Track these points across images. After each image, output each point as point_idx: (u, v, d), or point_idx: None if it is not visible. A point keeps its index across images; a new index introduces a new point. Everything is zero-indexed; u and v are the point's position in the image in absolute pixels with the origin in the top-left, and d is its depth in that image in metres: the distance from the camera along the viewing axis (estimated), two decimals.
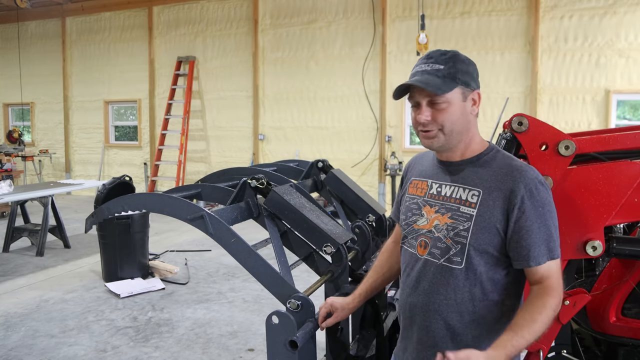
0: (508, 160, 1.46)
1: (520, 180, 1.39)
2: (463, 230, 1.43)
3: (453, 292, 1.45)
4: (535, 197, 1.38)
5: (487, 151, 1.49)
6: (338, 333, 2.04)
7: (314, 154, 9.56)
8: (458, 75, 1.43)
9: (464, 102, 1.45)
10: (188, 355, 3.76)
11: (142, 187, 11.07)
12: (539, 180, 1.40)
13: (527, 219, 1.38)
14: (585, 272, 2.33)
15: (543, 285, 1.40)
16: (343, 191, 2.82)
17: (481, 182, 1.44)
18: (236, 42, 10.39)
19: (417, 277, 1.53)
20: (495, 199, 1.41)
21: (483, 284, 1.44)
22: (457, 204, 1.46)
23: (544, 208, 1.39)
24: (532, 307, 1.38)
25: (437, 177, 1.54)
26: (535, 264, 1.38)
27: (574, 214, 1.64)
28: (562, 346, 2.03)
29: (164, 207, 2.05)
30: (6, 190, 6.42)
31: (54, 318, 4.46)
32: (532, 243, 1.38)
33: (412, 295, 1.55)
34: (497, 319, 1.45)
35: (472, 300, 1.44)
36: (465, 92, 1.45)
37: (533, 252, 1.38)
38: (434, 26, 8.76)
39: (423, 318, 1.51)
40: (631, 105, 8.59)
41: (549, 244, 1.39)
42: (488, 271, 1.43)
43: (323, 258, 2.15)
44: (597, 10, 7.96)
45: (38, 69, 12.37)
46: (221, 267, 5.99)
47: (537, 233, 1.38)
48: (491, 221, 1.41)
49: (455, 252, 1.44)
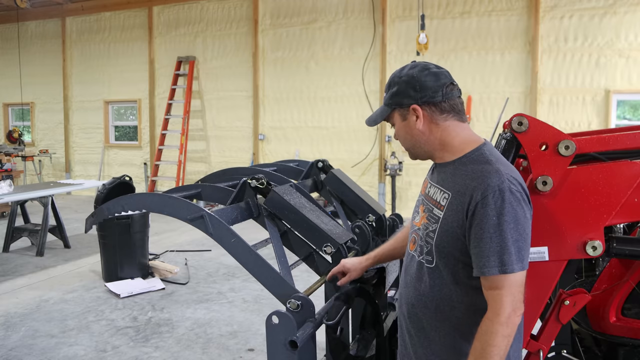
0: (483, 163, 1.42)
1: (479, 187, 1.36)
2: (431, 232, 1.50)
3: (428, 289, 1.51)
4: (490, 205, 1.33)
5: (470, 153, 1.48)
6: (338, 333, 2.04)
7: (314, 154, 9.57)
8: (390, 100, 1.56)
9: (405, 121, 1.54)
10: (188, 355, 3.76)
11: (142, 187, 11.07)
12: (500, 189, 1.34)
13: (478, 227, 1.35)
14: (585, 272, 2.34)
15: (490, 299, 1.36)
16: (343, 191, 2.82)
17: (453, 185, 1.46)
18: (236, 42, 10.39)
19: (405, 270, 1.65)
20: (459, 204, 1.41)
21: (451, 286, 1.47)
22: (433, 205, 1.53)
23: (500, 218, 1.33)
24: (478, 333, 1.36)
25: (431, 178, 1.62)
26: (480, 273, 1.36)
27: (574, 214, 1.64)
28: (562, 346, 2.04)
29: (164, 207, 2.05)
30: (6, 190, 6.42)
31: (54, 318, 4.46)
32: (480, 252, 1.35)
33: (402, 287, 1.66)
34: (464, 319, 1.46)
35: (444, 299, 1.48)
36: (403, 112, 1.54)
37: (480, 261, 1.35)
38: (434, 26, 8.76)
39: (406, 308, 1.61)
40: (631, 105, 8.59)
41: (501, 256, 1.32)
42: (452, 273, 1.46)
43: (323, 258, 2.15)
44: (597, 10, 7.96)
45: (38, 69, 12.37)
46: (221, 267, 5.99)
47: (487, 243, 1.34)
48: (452, 226, 1.43)
49: (427, 251, 1.51)
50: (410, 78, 1.51)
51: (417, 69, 1.52)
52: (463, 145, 1.50)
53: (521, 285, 1.36)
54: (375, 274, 2.16)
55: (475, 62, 8.61)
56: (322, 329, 1.84)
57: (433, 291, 1.50)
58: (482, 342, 1.34)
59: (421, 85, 1.49)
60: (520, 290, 1.36)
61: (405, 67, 1.56)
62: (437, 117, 1.50)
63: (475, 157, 1.46)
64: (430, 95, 1.48)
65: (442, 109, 1.49)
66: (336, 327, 1.99)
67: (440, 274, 1.48)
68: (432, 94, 1.48)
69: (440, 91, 1.48)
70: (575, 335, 2.13)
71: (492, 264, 1.33)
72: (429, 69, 1.51)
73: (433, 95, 1.48)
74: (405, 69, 1.55)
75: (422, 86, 1.49)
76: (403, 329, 1.65)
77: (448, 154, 1.52)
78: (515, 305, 1.34)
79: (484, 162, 1.43)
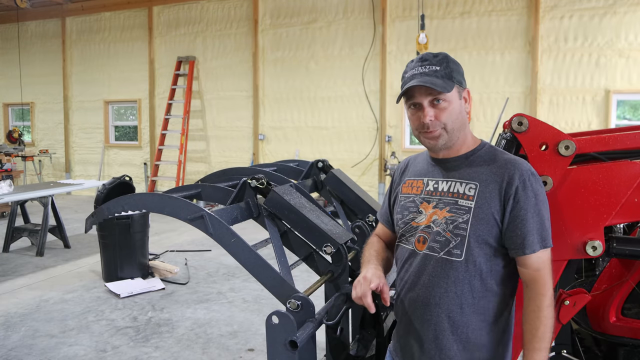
0: (501, 154, 1.52)
1: (514, 172, 1.45)
2: (462, 223, 1.47)
3: (453, 285, 1.47)
4: (529, 187, 1.43)
5: (480, 147, 1.56)
6: (338, 333, 2.04)
7: (314, 154, 9.57)
8: (453, 74, 1.50)
9: (460, 100, 1.53)
10: (188, 355, 3.76)
11: (142, 187, 11.07)
12: (532, 172, 1.46)
13: (522, 209, 1.43)
14: (585, 272, 2.33)
15: (534, 281, 1.44)
16: (343, 191, 2.81)
17: (477, 175, 1.49)
18: (236, 42, 10.39)
19: (416, 272, 1.55)
20: (491, 191, 1.46)
21: (482, 275, 1.47)
22: (455, 198, 1.50)
23: (537, 198, 1.44)
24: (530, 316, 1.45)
25: (433, 174, 1.58)
26: (530, 251, 1.43)
27: (574, 214, 1.64)
28: (562, 346, 2.03)
29: (164, 207, 2.05)
30: (6, 190, 6.42)
31: (54, 318, 4.46)
32: (526, 232, 1.42)
33: (412, 290, 1.55)
34: (496, 309, 1.49)
35: (472, 291, 1.47)
36: (460, 91, 1.53)
37: (527, 240, 1.42)
38: (434, 26, 8.76)
39: (423, 312, 1.52)
40: (631, 105, 8.59)
41: (541, 233, 1.44)
42: (487, 262, 1.47)
43: (323, 258, 2.15)
44: (597, 10, 7.96)
45: (38, 69, 12.37)
46: (221, 267, 5.99)
47: (530, 222, 1.42)
48: (489, 212, 1.45)
49: (455, 245, 1.47)
50: (459, 64, 1.56)
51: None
52: (474, 139, 1.58)
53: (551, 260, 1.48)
54: None
55: (475, 62, 8.61)
56: (322, 329, 1.84)
57: (461, 285, 1.47)
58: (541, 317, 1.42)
59: (464, 74, 1.56)
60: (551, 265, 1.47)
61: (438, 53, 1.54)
62: None
63: (488, 150, 1.54)
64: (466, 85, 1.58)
65: None
66: (336, 327, 1.99)
67: (471, 265, 1.46)
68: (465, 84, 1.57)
69: None
70: (575, 335, 2.13)
71: (535, 240, 1.42)
72: None
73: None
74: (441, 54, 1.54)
75: (464, 74, 1.56)
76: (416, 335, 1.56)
77: (464, 147, 1.55)
78: (551, 280, 1.46)
79: (502, 153, 1.53)
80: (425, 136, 1.52)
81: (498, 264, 1.48)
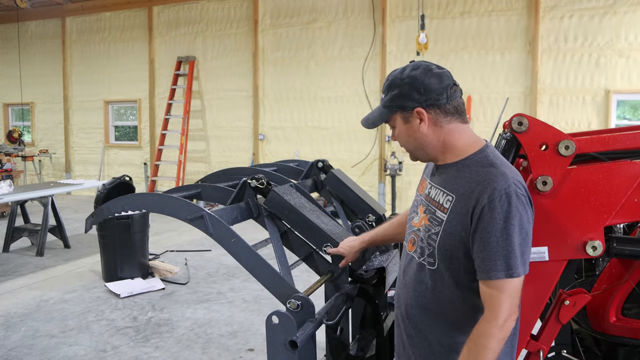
0: (488, 166, 1.41)
1: (486, 190, 1.35)
2: (434, 234, 1.47)
3: (427, 291, 1.51)
4: (497, 209, 1.33)
5: (474, 155, 1.46)
6: (338, 333, 2.04)
7: (314, 154, 9.56)
8: (391, 103, 1.50)
9: (408, 124, 1.50)
10: (188, 355, 3.76)
11: (142, 187, 11.07)
12: (507, 193, 1.33)
13: (484, 230, 1.34)
14: (585, 272, 2.33)
15: (485, 304, 1.36)
16: (343, 191, 2.82)
17: (457, 187, 1.44)
18: (236, 42, 10.39)
19: (404, 271, 1.63)
20: (462, 207, 1.40)
21: (453, 288, 1.46)
22: (435, 207, 1.50)
23: (507, 222, 1.32)
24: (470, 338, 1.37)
25: (432, 178, 1.59)
26: (486, 277, 1.34)
27: (574, 214, 1.64)
28: (562, 346, 2.04)
29: (164, 207, 2.05)
30: (6, 190, 6.42)
31: (54, 318, 4.46)
32: (486, 256, 1.34)
33: (400, 288, 1.64)
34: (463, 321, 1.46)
35: (444, 301, 1.48)
36: (405, 115, 1.49)
37: (486, 265, 1.34)
38: (434, 26, 8.75)
39: (405, 309, 1.59)
40: (631, 105, 8.59)
41: (507, 261, 1.32)
42: (454, 276, 1.45)
43: (323, 258, 2.15)
44: (597, 10, 7.96)
45: (38, 69, 12.36)
46: (221, 267, 5.99)
47: (494, 246, 1.33)
48: (456, 229, 1.41)
49: (429, 253, 1.49)
50: (414, 80, 1.45)
51: (419, 70, 1.46)
52: (466, 147, 1.48)
53: (520, 290, 1.36)
54: (375, 274, 2.16)
55: (475, 62, 8.61)
56: (322, 329, 1.84)
57: (434, 293, 1.49)
58: (478, 345, 1.34)
59: (425, 88, 1.44)
60: (518, 295, 1.36)
61: (406, 68, 1.49)
62: (441, 120, 1.46)
63: (479, 159, 1.44)
64: (434, 98, 1.44)
65: (446, 111, 1.46)
66: (336, 327, 1.99)
67: (442, 276, 1.47)
68: (436, 96, 1.44)
69: (445, 93, 1.45)
70: (575, 335, 2.13)
71: (498, 267, 1.33)
72: (432, 70, 1.46)
73: (438, 98, 1.44)
74: (407, 70, 1.48)
75: (427, 89, 1.44)
76: (401, 330, 1.63)
77: (450, 156, 1.49)
78: (512, 310, 1.34)
79: (488, 165, 1.41)
80: None
81: (467, 279, 1.43)
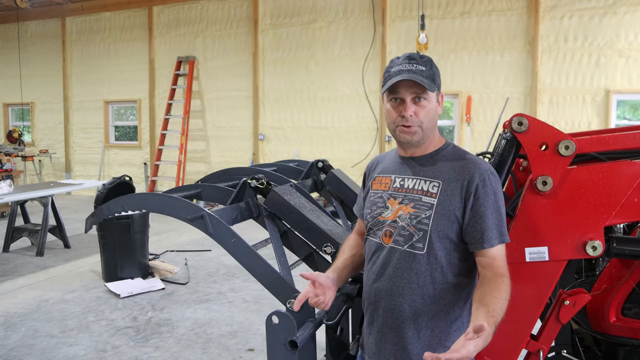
0: (463, 154, 1.61)
1: (475, 171, 1.53)
2: (425, 218, 1.55)
3: (415, 276, 1.56)
4: (488, 186, 1.52)
5: (445, 146, 1.64)
6: (338, 333, 2.04)
7: (314, 154, 9.56)
8: (436, 77, 1.58)
9: (436, 103, 1.61)
10: (188, 355, 3.76)
11: (142, 187, 11.07)
12: (491, 172, 1.55)
13: (481, 205, 1.51)
14: (585, 272, 2.33)
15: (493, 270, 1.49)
16: (343, 191, 2.82)
17: (441, 174, 1.58)
18: (236, 42, 10.39)
19: (382, 264, 1.62)
20: (453, 189, 1.54)
21: (443, 268, 1.55)
22: (420, 195, 1.59)
23: (496, 196, 1.53)
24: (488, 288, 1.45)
25: (400, 172, 1.66)
26: (488, 245, 1.50)
27: (574, 214, 1.64)
28: (562, 346, 2.03)
29: (164, 207, 2.05)
30: (6, 190, 6.42)
31: (54, 318, 4.46)
32: (485, 227, 1.51)
33: (378, 282, 1.63)
34: (455, 298, 1.58)
35: (433, 282, 1.55)
36: (437, 94, 1.61)
37: (486, 235, 1.50)
38: (434, 26, 8.76)
39: (388, 301, 1.60)
40: (631, 105, 8.59)
41: (500, 228, 1.52)
42: (447, 255, 1.55)
43: (323, 258, 2.15)
44: (597, 10, 7.97)
45: (38, 69, 12.37)
46: (221, 267, 5.99)
47: (490, 218, 1.51)
48: (450, 209, 1.53)
49: (418, 239, 1.55)
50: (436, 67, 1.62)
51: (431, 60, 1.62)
52: (439, 139, 1.65)
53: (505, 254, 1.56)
54: None
55: (475, 62, 8.61)
56: (322, 329, 1.84)
57: (423, 276, 1.55)
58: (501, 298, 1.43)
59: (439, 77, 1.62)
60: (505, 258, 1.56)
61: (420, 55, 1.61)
62: None
63: (452, 150, 1.63)
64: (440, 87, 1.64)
65: None
66: (336, 327, 1.99)
67: (433, 259, 1.54)
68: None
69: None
70: (575, 335, 2.13)
71: (494, 235, 1.51)
72: None
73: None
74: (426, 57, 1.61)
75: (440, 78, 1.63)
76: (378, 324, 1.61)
77: (430, 146, 1.63)
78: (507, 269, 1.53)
79: (465, 153, 1.62)
80: (402, 130, 1.58)
81: (457, 258, 1.56)
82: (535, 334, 1.83)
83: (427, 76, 1.54)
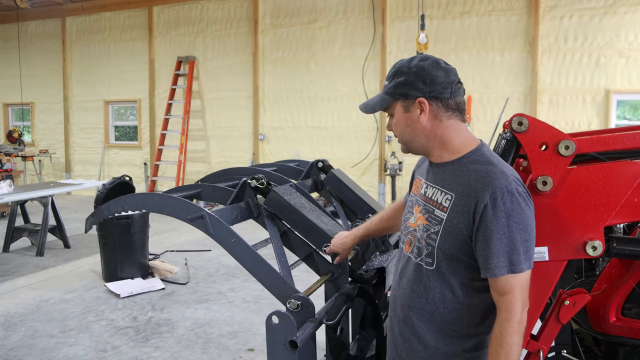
0: (486, 164, 1.42)
1: (487, 188, 1.35)
2: (433, 233, 1.46)
3: (425, 292, 1.49)
4: (499, 207, 1.34)
5: (471, 153, 1.46)
6: (338, 333, 2.04)
7: (314, 154, 9.56)
8: (394, 90, 1.49)
9: (408, 113, 1.48)
10: (188, 355, 3.76)
11: (142, 187, 11.06)
12: (508, 190, 1.34)
13: (487, 229, 1.35)
14: (585, 272, 2.33)
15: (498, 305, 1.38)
16: (343, 191, 2.82)
17: (456, 186, 1.43)
18: (236, 42, 10.39)
19: (401, 272, 1.60)
20: (464, 205, 1.40)
21: (453, 287, 1.45)
22: (434, 207, 1.49)
23: (509, 219, 1.34)
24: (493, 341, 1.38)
25: (427, 177, 1.57)
26: (491, 275, 1.36)
27: (574, 214, 1.64)
28: (562, 346, 2.03)
29: (164, 207, 2.05)
30: (6, 190, 6.42)
31: (54, 318, 4.46)
32: (489, 254, 1.35)
33: (396, 289, 1.62)
34: (469, 320, 1.46)
35: (443, 301, 1.46)
36: (406, 104, 1.48)
37: (490, 262, 1.35)
38: (434, 26, 8.76)
39: (401, 311, 1.57)
40: (631, 105, 8.59)
41: (510, 257, 1.34)
42: (457, 275, 1.44)
43: (323, 258, 2.15)
44: (597, 10, 7.96)
45: (38, 69, 12.37)
46: (221, 267, 5.99)
47: (496, 244, 1.34)
48: (458, 227, 1.40)
49: (427, 253, 1.48)
50: (421, 70, 1.45)
51: (428, 61, 1.46)
52: (462, 145, 1.48)
53: (528, 283, 1.38)
54: (375, 274, 2.16)
55: (475, 62, 8.61)
56: (322, 329, 1.84)
57: (432, 294, 1.47)
58: (504, 344, 1.35)
59: (431, 79, 1.44)
60: (527, 288, 1.38)
61: (414, 58, 1.49)
62: (441, 114, 1.46)
63: (476, 157, 1.45)
64: (439, 90, 1.45)
65: (448, 106, 1.46)
66: (336, 327, 1.99)
67: (441, 276, 1.45)
68: (441, 89, 1.44)
69: (450, 88, 1.45)
70: (575, 335, 2.13)
71: (502, 264, 1.34)
72: (440, 64, 1.47)
73: (442, 91, 1.45)
74: (415, 59, 1.48)
75: (432, 80, 1.44)
76: (395, 333, 1.61)
77: (447, 153, 1.49)
78: (524, 303, 1.37)
79: (486, 163, 1.42)
80: None
81: (469, 278, 1.44)
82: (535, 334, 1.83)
83: (385, 92, 1.51)
